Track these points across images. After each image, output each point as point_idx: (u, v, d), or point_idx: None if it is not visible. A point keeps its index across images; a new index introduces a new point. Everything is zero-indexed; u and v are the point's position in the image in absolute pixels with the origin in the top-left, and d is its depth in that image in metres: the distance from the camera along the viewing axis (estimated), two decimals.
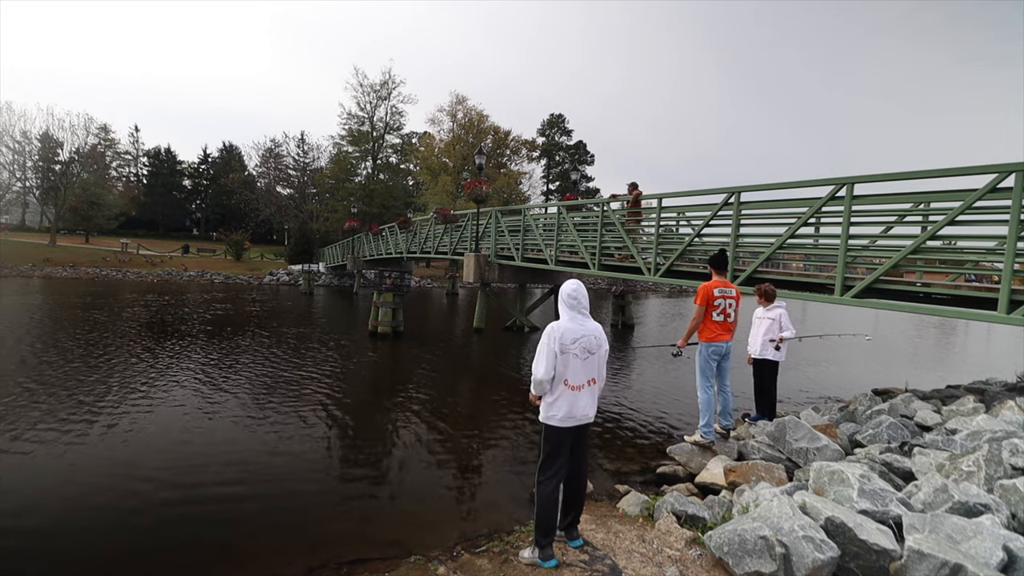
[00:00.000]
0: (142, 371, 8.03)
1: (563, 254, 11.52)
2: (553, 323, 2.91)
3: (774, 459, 4.37)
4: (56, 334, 10.93)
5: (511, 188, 40.18)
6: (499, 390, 8.01)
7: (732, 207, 7.27)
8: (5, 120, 37.75)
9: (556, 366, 2.82)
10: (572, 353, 2.84)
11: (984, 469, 3.20)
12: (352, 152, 43.97)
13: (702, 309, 4.82)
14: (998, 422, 4.27)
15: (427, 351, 11.29)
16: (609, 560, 2.89)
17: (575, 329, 2.88)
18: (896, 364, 12.04)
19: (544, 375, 2.85)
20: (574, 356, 2.84)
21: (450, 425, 6.20)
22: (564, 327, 2.87)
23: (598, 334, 2.97)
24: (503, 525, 3.74)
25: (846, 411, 6.02)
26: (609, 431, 6.17)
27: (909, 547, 2.32)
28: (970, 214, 5.10)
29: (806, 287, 6.69)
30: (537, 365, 2.85)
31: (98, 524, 3.67)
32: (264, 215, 41.57)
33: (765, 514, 2.74)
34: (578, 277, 17.27)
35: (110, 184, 49.35)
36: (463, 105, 40.57)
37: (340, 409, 6.66)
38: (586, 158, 54.66)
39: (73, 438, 5.17)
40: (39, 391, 6.69)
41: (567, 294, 2.99)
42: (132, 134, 57.51)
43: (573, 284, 3.01)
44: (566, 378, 2.85)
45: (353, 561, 3.25)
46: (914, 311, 5.67)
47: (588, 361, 2.90)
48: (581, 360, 2.86)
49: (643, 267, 8.82)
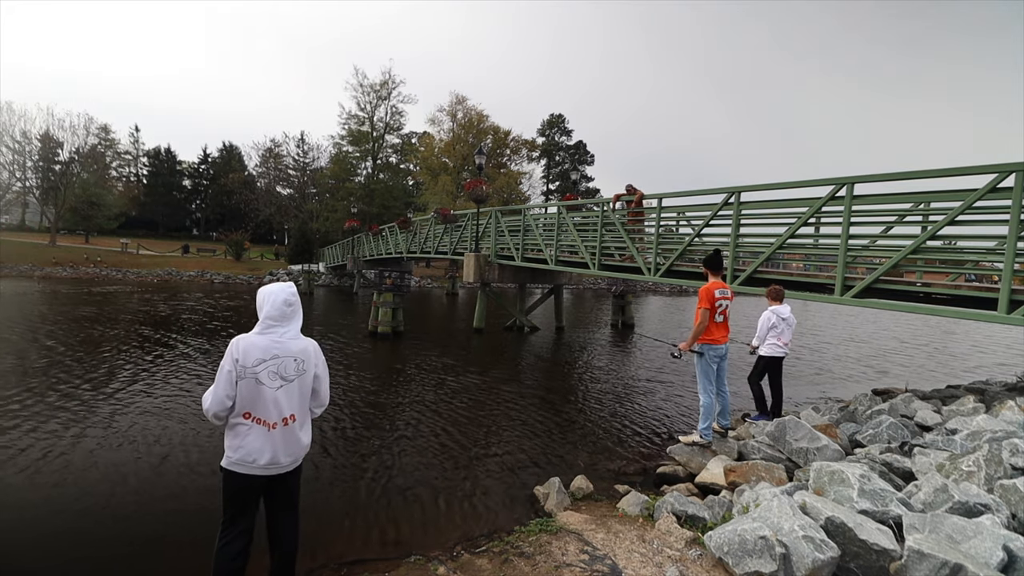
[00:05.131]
0: (143, 370, 8.03)
1: (563, 254, 11.52)
2: (238, 336, 2.31)
3: (774, 459, 4.37)
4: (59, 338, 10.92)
5: (511, 188, 40.18)
6: (499, 390, 8.01)
7: (732, 207, 7.27)
8: (5, 120, 37.76)
9: (235, 395, 2.23)
10: (256, 379, 2.23)
11: (984, 469, 3.20)
12: (352, 152, 43.99)
13: (707, 312, 4.78)
14: (998, 422, 4.27)
15: (427, 351, 11.29)
16: (609, 560, 2.89)
17: (266, 347, 2.27)
18: (896, 364, 12.04)
19: (212, 406, 2.22)
20: (257, 383, 2.23)
21: (450, 425, 6.20)
22: (248, 343, 2.26)
23: (304, 355, 2.36)
24: (503, 525, 3.74)
25: (846, 411, 6.02)
26: (609, 431, 6.17)
27: (909, 547, 2.32)
28: (970, 214, 5.10)
29: (806, 287, 6.69)
30: (207, 393, 2.26)
31: (96, 522, 3.66)
32: (264, 215, 41.55)
33: (765, 514, 2.74)
34: (578, 277, 17.34)
35: (110, 184, 49.32)
36: (463, 105, 40.63)
37: (339, 409, 6.66)
38: (586, 158, 54.64)
39: (73, 436, 5.17)
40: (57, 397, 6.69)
41: (267, 298, 2.36)
42: (132, 134, 57.55)
43: (281, 287, 2.40)
44: (248, 411, 2.24)
45: (353, 561, 3.24)
46: (914, 311, 5.67)
47: (285, 391, 2.28)
48: (272, 389, 2.25)
49: (643, 267, 8.82)
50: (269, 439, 2.26)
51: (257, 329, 2.33)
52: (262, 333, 2.32)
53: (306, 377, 2.38)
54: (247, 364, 2.22)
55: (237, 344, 2.27)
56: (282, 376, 2.29)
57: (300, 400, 2.37)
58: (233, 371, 2.22)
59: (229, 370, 2.22)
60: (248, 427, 2.25)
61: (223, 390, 2.22)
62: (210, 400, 2.24)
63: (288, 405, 2.31)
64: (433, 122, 41.28)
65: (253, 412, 2.25)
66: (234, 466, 2.27)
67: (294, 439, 2.34)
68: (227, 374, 2.22)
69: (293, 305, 2.38)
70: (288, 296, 2.37)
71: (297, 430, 2.36)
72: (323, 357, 2.52)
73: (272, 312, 2.33)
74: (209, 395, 2.25)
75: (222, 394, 2.22)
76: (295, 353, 2.34)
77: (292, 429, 2.33)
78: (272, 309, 2.33)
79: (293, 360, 2.33)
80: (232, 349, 2.26)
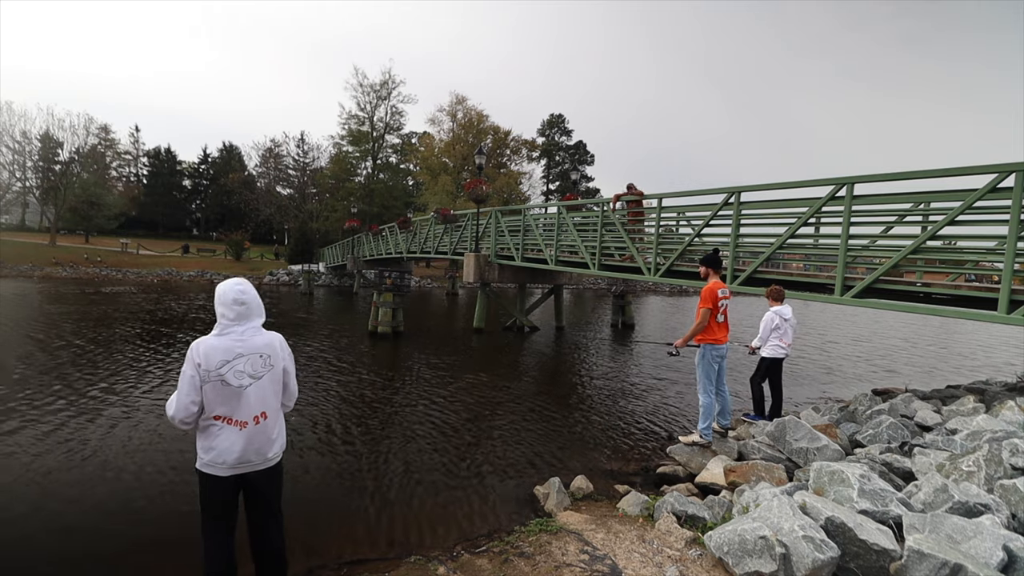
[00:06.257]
0: (144, 370, 8.03)
1: (563, 254, 11.52)
2: (198, 340, 2.24)
3: (774, 459, 4.37)
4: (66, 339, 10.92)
5: (511, 188, 40.16)
6: (499, 390, 8.01)
7: (732, 207, 7.27)
8: (5, 120, 37.70)
9: (200, 399, 2.18)
10: (222, 380, 2.18)
11: (984, 469, 3.20)
12: (352, 152, 43.98)
13: (709, 312, 4.78)
14: (998, 422, 4.27)
15: (427, 351, 11.28)
16: (609, 560, 2.89)
17: (228, 348, 2.21)
18: (904, 364, 12.03)
19: (176, 413, 2.17)
20: (224, 384, 2.18)
21: (450, 425, 6.20)
22: (208, 346, 2.19)
23: (269, 350, 2.31)
24: (503, 525, 3.74)
25: (846, 411, 6.02)
26: (609, 431, 6.17)
27: (909, 547, 2.32)
28: (970, 214, 5.10)
29: (806, 287, 6.69)
30: (171, 399, 2.21)
31: (95, 519, 3.66)
32: (264, 215, 41.55)
33: (765, 514, 2.74)
34: (578, 277, 17.34)
35: (110, 184, 49.27)
36: (463, 105, 40.60)
37: (339, 409, 6.66)
38: (586, 158, 54.64)
39: (69, 436, 5.17)
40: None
41: (219, 298, 2.27)
42: (132, 134, 57.53)
43: (230, 284, 2.31)
44: (218, 413, 2.20)
45: (353, 561, 3.24)
46: (914, 311, 5.67)
47: (255, 388, 2.24)
48: (240, 388, 2.21)
49: (643, 267, 8.83)
50: (239, 438, 2.22)
51: (216, 331, 2.26)
52: (221, 334, 2.25)
53: (275, 372, 2.34)
54: (210, 367, 2.17)
55: (197, 348, 2.19)
56: (250, 374, 2.24)
57: (272, 396, 2.34)
58: (196, 375, 2.16)
59: (192, 375, 2.16)
60: (220, 428, 2.22)
61: (187, 396, 2.16)
62: (174, 407, 2.18)
63: (259, 403, 2.27)
64: (433, 122, 41.33)
65: (223, 413, 2.21)
66: (206, 467, 2.24)
67: (265, 437, 2.30)
68: (189, 379, 2.16)
69: (246, 303, 2.28)
70: (237, 294, 2.28)
71: (269, 427, 2.32)
72: (289, 350, 2.47)
73: (225, 312, 2.26)
74: (173, 402, 2.19)
75: (186, 400, 2.16)
76: (259, 348, 2.29)
77: (264, 427, 2.29)
78: (225, 309, 2.26)
79: (259, 356, 2.28)
80: (192, 353, 2.18)
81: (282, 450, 2.43)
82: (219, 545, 2.29)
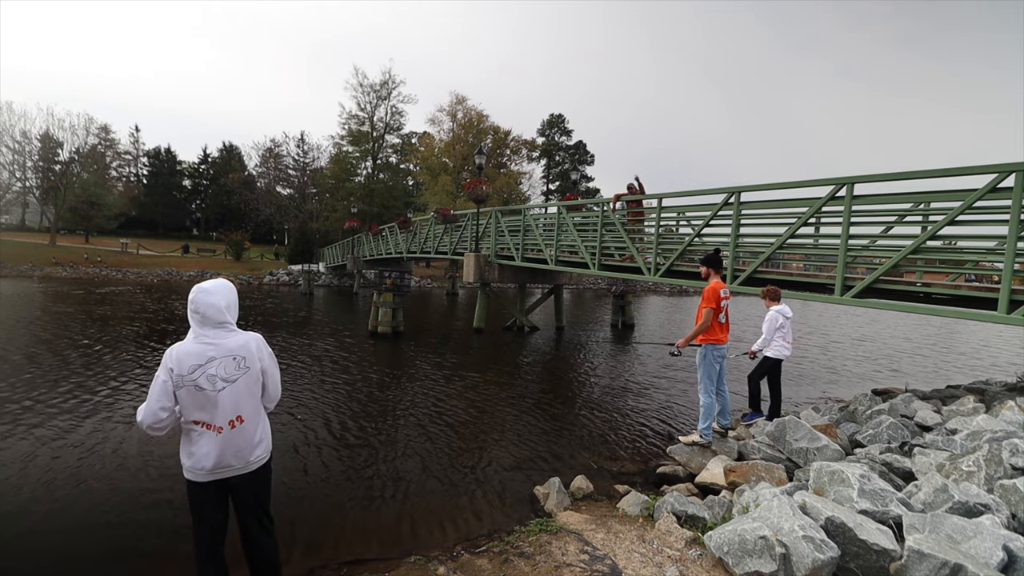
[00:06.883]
0: (144, 370, 8.03)
1: (563, 254, 11.52)
2: (173, 345, 2.20)
3: (774, 459, 4.37)
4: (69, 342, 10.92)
5: (511, 188, 40.15)
6: (499, 390, 8.01)
7: (732, 207, 7.28)
8: (5, 120, 37.69)
9: (172, 405, 2.14)
10: (195, 385, 2.13)
11: (984, 469, 3.21)
12: (352, 152, 43.98)
13: (711, 311, 4.78)
14: (998, 422, 4.27)
15: (427, 351, 11.29)
16: (609, 560, 2.89)
17: (200, 352, 2.16)
18: (907, 363, 12.03)
19: (144, 419, 2.11)
20: (197, 389, 2.13)
21: (450, 425, 6.20)
22: (182, 350, 2.16)
23: (244, 351, 2.25)
24: (503, 525, 3.74)
25: (846, 411, 6.02)
26: (609, 431, 6.17)
27: (909, 547, 2.32)
28: (970, 214, 5.10)
29: (806, 287, 6.69)
30: (141, 406, 2.14)
31: (94, 519, 3.67)
32: (264, 215, 41.54)
33: (765, 514, 2.74)
34: (578, 277, 17.34)
35: (110, 184, 49.25)
36: (463, 105, 40.58)
37: (339, 409, 6.66)
38: (586, 158, 54.64)
39: (70, 436, 5.18)
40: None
41: (191, 302, 2.21)
42: (132, 134, 57.51)
43: (197, 288, 2.23)
44: (196, 418, 2.17)
45: (353, 561, 3.24)
46: (914, 311, 5.67)
47: (229, 391, 2.19)
48: (214, 392, 2.16)
49: (643, 267, 8.82)
50: (216, 443, 2.18)
51: (190, 335, 2.22)
52: (195, 339, 2.20)
53: (251, 374, 2.27)
54: (183, 372, 2.13)
55: (171, 353, 2.16)
56: (223, 378, 2.18)
57: (248, 399, 2.27)
58: (168, 381, 2.12)
59: (164, 380, 2.12)
60: (199, 433, 2.19)
61: (156, 402, 2.11)
62: (142, 414, 2.13)
63: (234, 407, 2.21)
64: (433, 122, 41.31)
65: (201, 418, 2.17)
66: (188, 473, 2.22)
67: (244, 441, 2.26)
68: (161, 384, 2.12)
69: (214, 305, 2.21)
70: (203, 297, 2.21)
71: (249, 431, 2.27)
72: (269, 350, 2.41)
73: (194, 317, 2.21)
74: (142, 409, 2.14)
75: (155, 406, 2.11)
76: (233, 351, 2.23)
77: (242, 430, 2.24)
78: (193, 313, 2.21)
79: (232, 359, 2.22)
80: (166, 359, 2.15)
81: (268, 452, 2.39)
82: (208, 551, 2.27)
